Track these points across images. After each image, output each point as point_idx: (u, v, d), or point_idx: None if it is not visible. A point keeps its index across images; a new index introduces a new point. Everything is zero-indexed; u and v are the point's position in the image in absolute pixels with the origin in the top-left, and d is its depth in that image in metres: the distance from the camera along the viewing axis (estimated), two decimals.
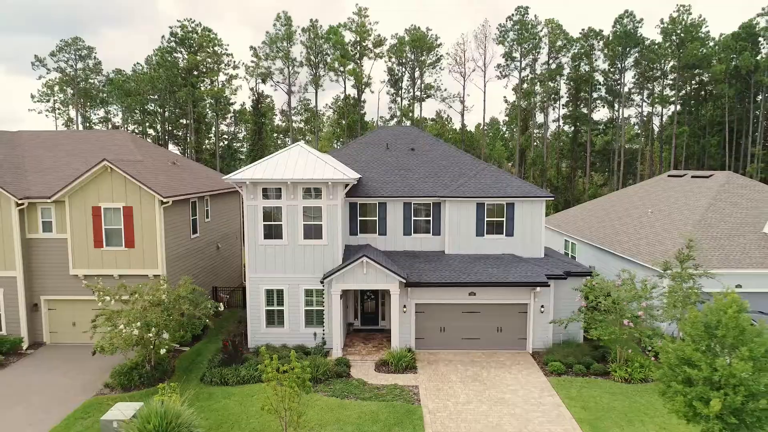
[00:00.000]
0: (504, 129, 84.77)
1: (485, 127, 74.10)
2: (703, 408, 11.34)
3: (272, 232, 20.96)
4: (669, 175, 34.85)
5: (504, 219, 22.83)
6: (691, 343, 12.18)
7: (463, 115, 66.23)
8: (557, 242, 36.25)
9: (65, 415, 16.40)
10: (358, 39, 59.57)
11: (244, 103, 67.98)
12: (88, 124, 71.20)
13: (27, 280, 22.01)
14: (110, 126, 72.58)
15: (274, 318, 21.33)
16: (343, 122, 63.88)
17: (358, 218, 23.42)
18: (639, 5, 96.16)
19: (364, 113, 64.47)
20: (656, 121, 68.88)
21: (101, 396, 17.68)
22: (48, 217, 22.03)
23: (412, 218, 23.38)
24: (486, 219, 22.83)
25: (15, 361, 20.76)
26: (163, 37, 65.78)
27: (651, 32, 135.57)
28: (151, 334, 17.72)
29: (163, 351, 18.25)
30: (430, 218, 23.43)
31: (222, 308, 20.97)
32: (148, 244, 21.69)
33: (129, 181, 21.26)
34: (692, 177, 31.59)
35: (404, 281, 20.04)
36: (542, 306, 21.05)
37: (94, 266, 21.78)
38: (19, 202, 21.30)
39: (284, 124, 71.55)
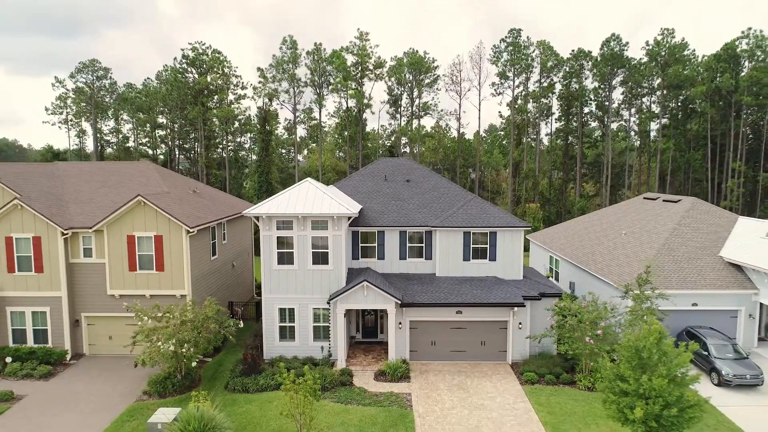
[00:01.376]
0: (502, 134, 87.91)
1: (483, 135, 77.23)
2: (630, 414, 14.45)
3: (285, 258, 24.09)
4: (645, 198, 37.88)
5: (488, 246, 25.93)
6: (625, 362, 15.28)
7: (459, 131, 69.51)
8: (544, 258, 39.30)
9: (113, 418, 19.51)
10: (360, 61, 62.81)
11: (250, 115, 71.00)
12: (99, 135, 74.63)
13: (70, 299, 25.17)
14: (120, 137, 76.11)
15: (286, 333, 24.44)
16: (345, 133, 67.06)
17: (360, 244, 26.54)
18: (627, 26, 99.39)
19: (365, 125, 67.65)
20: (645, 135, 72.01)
21: (141, 402, 20.80)
22: (88, 244, 25.19)
23: (407, 245, 26.51)
24: (472, 245, 25.94)
25: (62, 371, 23.91)
26: (175, 58, 69.35)
27: (638, 52, 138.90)
28: (183, 350, 20.83)
29: (194, 364, 21.41)
30: (423, 245, 26.54)
31: (241, 325, 24.11)
32: (176, 267, 24.83)
33: (160, 213, 24.38)
34: (664, 201, 34.60)
35: (399, 302, 23.15)
36: (520, 323, 24.14)
37: (129, 287, 24.94)
38: (65, 231, 24.47)
39: (288, 134, 74.71)
